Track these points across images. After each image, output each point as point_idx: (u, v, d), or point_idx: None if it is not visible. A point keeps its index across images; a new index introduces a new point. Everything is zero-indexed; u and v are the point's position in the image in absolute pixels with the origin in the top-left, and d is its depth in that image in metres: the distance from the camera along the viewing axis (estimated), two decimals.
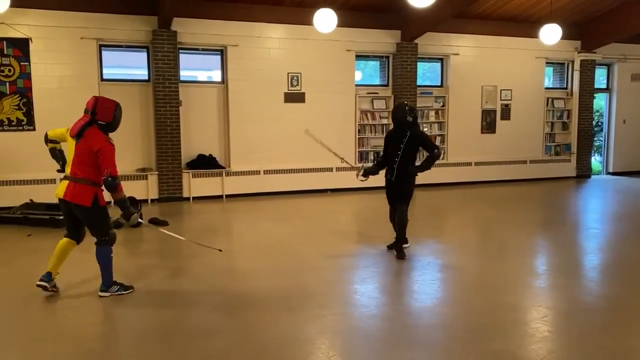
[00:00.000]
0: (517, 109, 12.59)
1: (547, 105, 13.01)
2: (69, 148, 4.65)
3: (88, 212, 4.58)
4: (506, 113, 12.56)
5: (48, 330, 4.06)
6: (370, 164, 6.50)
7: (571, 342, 3.80)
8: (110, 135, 4.69)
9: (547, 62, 12.85)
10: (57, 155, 4.92)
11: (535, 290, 5.00)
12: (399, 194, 5.93)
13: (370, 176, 6.21)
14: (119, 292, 4.73)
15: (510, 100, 12.55)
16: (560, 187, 12.13)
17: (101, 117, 4.59)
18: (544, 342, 3.71)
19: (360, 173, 6.23)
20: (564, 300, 4.65)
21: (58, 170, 4.86)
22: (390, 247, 6.13)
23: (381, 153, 6.32)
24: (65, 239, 4.73)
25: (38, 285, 4.58)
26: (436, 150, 5.87)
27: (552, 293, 4.90)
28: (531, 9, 11.48)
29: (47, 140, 4.92)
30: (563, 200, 10.87)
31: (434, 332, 3.95)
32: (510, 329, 3.97)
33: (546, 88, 13.05)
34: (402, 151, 5.82)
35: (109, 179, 4.47)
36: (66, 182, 4.57)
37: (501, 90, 12.43)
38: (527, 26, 11.90)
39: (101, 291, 4.70)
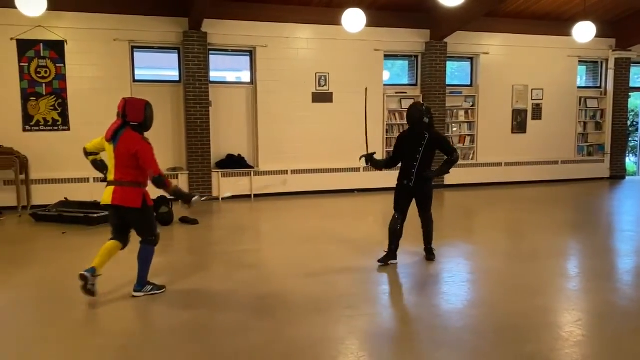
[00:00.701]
0: (548, 108, 12.38)
1: (580, 104, 12.76)
2: (107, 154, 4.67)
3: (138, 213, 4.62)
4: (537, 113, 12.36)
5: (82, 325, 4.16)
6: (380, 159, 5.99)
7: (606, 347, 3.72)
8: (146, 134, 4.73)
9: (580, 61, 12.62)
10: (99, 165, 4.92)
11: (568, 293, 4.91)
12: (420, 200, 5.68)
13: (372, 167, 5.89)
14: (153, 292, 4.78)
15: (542, 99, 12.35)
16: (593, 188, 11.87)
17: (132, 117, 4.58)
18: (578, 347, 3.65)
19: (363, 160, 5.79)
20: (598, 304, 4.56)
21: (102, 180, 4.83)
22: (382, 261, 5.66)
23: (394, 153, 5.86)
24: (112, 242, 4.72)
25: (80, 275, 4.51)
26: (455, 154, 5.60)
27: (586, 296, 4.81)
28: (564, 6, 11.27)
29: (87, 153, 4.94)
30: (596, 201, 10.64)
31: (464, 334, 3.91)
32: (543, 332, 3.91)
33: (579, 87, 12.81)
34: (421, 155, 5.53)
35: (156, 177, 4.54)
36: (112, 187, 4.58)
37: (532, 89, 12.24)
38: (559, 24, 11.69)
39: (135, 291, 4.74)
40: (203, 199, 4.89)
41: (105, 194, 4.60)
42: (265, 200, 10.22)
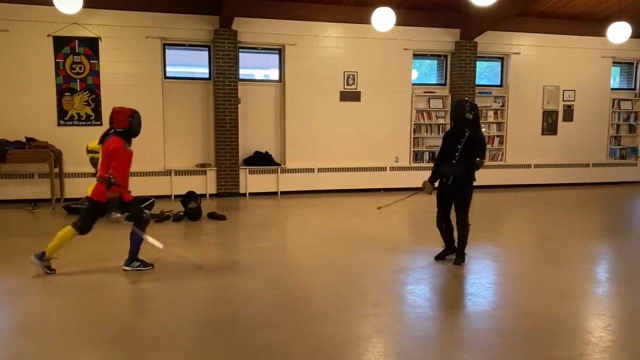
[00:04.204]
0: (580, 110, 12.17)
1: (613, 106, 12.50)
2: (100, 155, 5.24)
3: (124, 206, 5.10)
4: (569, 114, 12.16)
5: (111, 317, 4.26)
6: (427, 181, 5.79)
7: (636, 353, 3.66)
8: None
9: (614, 62, 12.36)
10: (95, 163, 5.82)
11: (598, 297, 4.84)
12: (457, 201, 5.57)
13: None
14: (139, 268, 5.29)
15: (573, 101, 12.14)
16: (625, 192, 11.63)
17: (117, 124, 5.11)
18: (607, 352, 3.59)
19: (426, 190, 5.74)
20: (628, 310, 4.47)
21: (93, 174, 5.64)
22: (438, 258, 5.78)
23: (437, 154, 5.90)
24: (69, 227, 5.14)
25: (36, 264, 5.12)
26: (480, 162, 5.52)
27: (616, 301, 4.72)
28: (598, 6, 11.05)
29: (88, 150, 6.05)
30: (628, 205, 10.42)
31: (491, 336, 3.89)
32: (572, 336, 3.87)
33: (612, 89, 12.54)
34: (459, 152, 5.45)
35: (110, 178, 4.92)
36: (94, 183, 5.23)
37: (564, 90, 12.05)
38: (593, 24, 11.47)
39: (125, 265, 5.29)
40: (119, 217, 5.06)
41: (90, 187, 5.32)
42: (291, 197, 10.29)
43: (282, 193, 10.50)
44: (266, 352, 3.57)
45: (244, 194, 10.30)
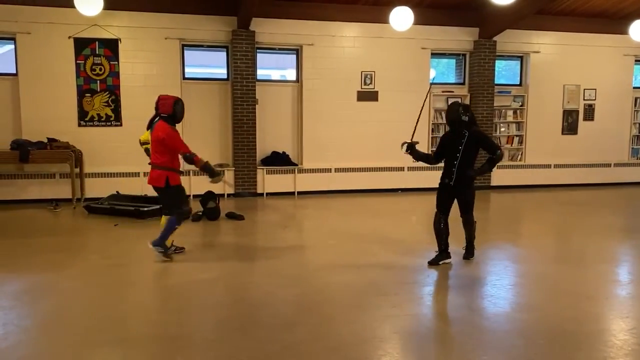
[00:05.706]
0: (601, 109, 12.00)
1: (636, 105, 12.31)
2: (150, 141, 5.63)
3: (162, 192, 5.52)
4: (589, 113, 11.99)
5: (132, 315, 4.30)
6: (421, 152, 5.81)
7: None
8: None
9: (636, 60, 12.15)
10: (150, 153, 5.92)
11: (621, 299, 4.75)
12: (461, 202, 5.58)
13: (410, 156, 5.79)
14: (164, 252, 5.59)
15: (594, 100, 11.97)
16: None
17: (163, 110, 5.48)
18: (632, 356, 3.53)
19: (404, 149, 5.78)
20: None
21: (149, 164, 5.73)
22: (432, 263, 5.59)
23: (434, 150, 5.81)
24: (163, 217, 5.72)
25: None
26: (499, 152, 5.45)
27: None
28: (620, 4, 10.87)
29: (141, 143, 6.60)
30: None
31: (512, 338, 3.85)
32: (595, 339, 3.81)
33: (635, 87, 12.33)
34: (461, 153, 5.43)
35: (186, 155, 5.45)
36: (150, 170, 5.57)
37: (584, 89, 11.88)
38: (615, 22, 11.31)
39: (152, 244, 5.55)
40: (219, 178, 5.76)
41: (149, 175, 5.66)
42: (308, 197, 10.29)
43: (299, 193, 10.52)
44: (288, 352, 3.57)
45: (262, 194, 10.34)
